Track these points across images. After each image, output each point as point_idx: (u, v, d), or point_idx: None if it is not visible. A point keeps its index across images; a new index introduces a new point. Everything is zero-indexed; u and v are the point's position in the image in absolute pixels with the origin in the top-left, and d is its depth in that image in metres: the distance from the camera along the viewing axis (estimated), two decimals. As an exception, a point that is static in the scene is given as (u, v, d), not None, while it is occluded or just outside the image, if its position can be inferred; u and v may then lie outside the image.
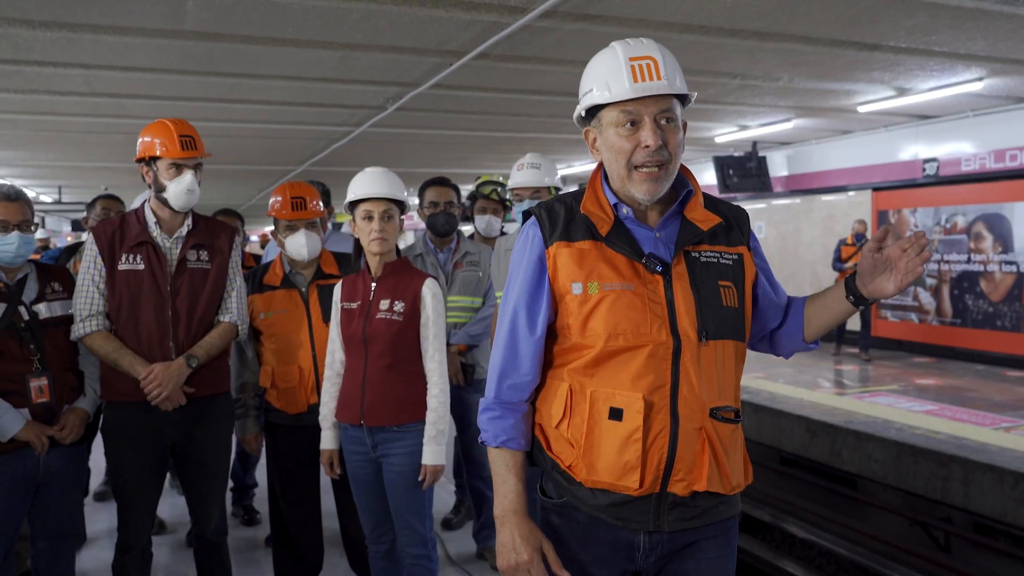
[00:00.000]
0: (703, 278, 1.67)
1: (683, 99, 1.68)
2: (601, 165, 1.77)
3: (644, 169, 1.63)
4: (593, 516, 1.70)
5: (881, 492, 6.72)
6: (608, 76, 1.64)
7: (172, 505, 4.61)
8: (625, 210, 1.71)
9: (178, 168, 2.83)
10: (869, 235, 10.62)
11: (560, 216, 1.72)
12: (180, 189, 2.82)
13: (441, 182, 3.89)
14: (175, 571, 3.90)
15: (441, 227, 3.81)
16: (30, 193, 18.62)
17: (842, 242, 10.64)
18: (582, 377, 1.68)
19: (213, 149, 11.24)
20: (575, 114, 1.75)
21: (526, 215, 1.80)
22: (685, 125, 1.69)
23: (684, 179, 1.74)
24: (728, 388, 1.68)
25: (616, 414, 1.62)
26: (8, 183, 2.75)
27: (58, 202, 18.11)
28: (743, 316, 1.71)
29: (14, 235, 2.73)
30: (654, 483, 1.63)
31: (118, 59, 6.64)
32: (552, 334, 1.75)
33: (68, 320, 2.83)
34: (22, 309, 2.74)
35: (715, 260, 1.69)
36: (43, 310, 2.79)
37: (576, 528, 1.73)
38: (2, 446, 2.63)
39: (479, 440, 1.78)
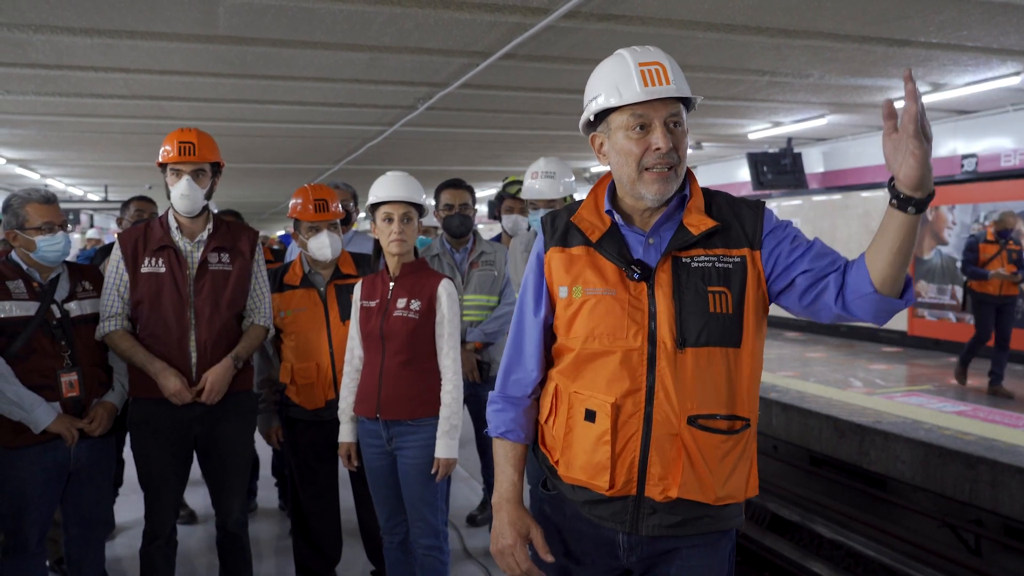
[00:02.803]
0: (689, 284, 1.65)
1: (688, 106, 1.70)
2: (610, 173, 1.80)
3: (655, 170, 1.64)
4: (576, 511, 1.77)
5: (910, 493, 6.64)
6: (618, 81, 1.65)
7: (205, 496, 4.77)
8: (616, 217, 1.74)
9: (177, 173, 2.96)
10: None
11: (562, 222, 1.79)
12: (176, 194, 2.96)
13: (456, 184, 3.97)
14: (200, 559, 4.04)
15: (456, 228, 3.90)
16: (78, 192, 19.21)
17: (978, 239, 8.10)
18: (565, 378, 1.74)
19: (250, 149, 11.42)
20: (582, 120, 1.76)
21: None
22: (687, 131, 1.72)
23: (685, 182, 1.74)
24: (718, 396, 1.64)
25: (590, 416, 1.67)
26: (41, 185, 2.89)
27: (105, 200, 18.60)
28: (738, 322, 1.65)
29: (60, 234, 2.88)
30: (627, 485, 1.67)
31: (155, 63, 6.84)
32: (552, 335, 1.82)
33: (97, 318, 2.97)
34: (54, 307, 2.87)
35: (709, 265, 1.67)
36: (74, 308, 2.93)
37: (564, 520, 1.80)
38: (35, 437, 2.78)
39: (483, 431, 1.87)
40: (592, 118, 1.72)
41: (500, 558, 1.76)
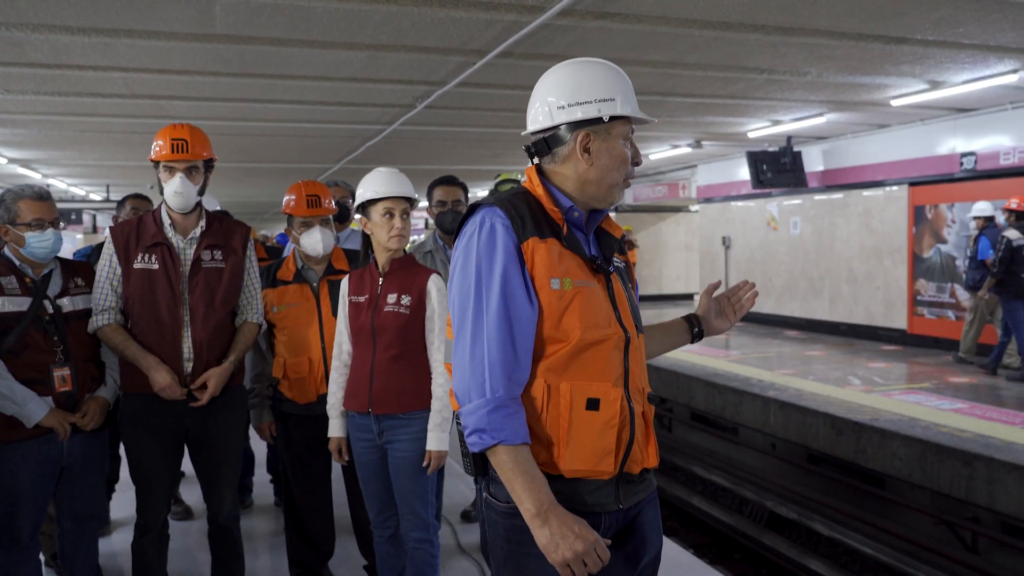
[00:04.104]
0: (624, 279, 1.90)
1: None
2: (536, 169, 1.84)
3: (628, 179, 1.85)
4: (567, 505, 1.69)
5: (908, 491, 6.65)
6: (627, 92, 1.80)
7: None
8: (576, 213, 1.80)
9: (170, 171, 2.96)
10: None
11: (526, 212, 1.75)
12: (169, 191, 2.97)
13: (449, 181, 3.99)
14: (193, 553, 4.07)
15: (449, 225, 3.92)
16: (80, 191, 19.25)
17: None
18: (553, 373, 1.71)
19: (251, 148, 11.43)
20: (586, 114, 1.75)
21: (473, 207, 1.80)
22: None
23: None
24: (647, 374, 1.90)
25: (593, 404, 1.70)
26: (36, 182, 2.91)
27: (107, 200, 18.66)
28: None
29: (50, 232, 2.89)
30: (617, 465, 1.74)
31: (154, 62, 6.87)
32: None
33: (90, 313, 2.98)
34: (47, 303, 2.89)
35: (622, 265, 1.92)
36: (66, 304, 2.95)
37: None
38: (28, 432, 2.80)
39: (494, 441, 1.64)
40: (607, 119, 1.76)
41: (580, 560, 1.60)
